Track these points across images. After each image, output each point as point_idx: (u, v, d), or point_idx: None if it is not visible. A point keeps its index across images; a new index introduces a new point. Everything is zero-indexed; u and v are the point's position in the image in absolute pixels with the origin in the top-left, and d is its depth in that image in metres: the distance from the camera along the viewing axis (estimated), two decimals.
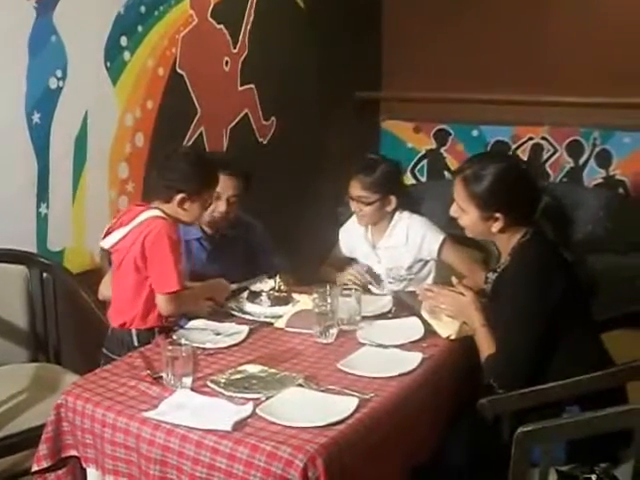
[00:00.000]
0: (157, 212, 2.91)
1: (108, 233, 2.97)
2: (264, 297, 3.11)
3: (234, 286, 3.21)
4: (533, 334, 2.51)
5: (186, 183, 2.92)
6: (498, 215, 2.64)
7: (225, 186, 3.35)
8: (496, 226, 2.66)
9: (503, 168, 2.67)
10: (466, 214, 2.70)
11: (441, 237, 3.40)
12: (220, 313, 3.08)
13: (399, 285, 3.47)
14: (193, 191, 2.93)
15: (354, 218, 3.57)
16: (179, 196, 2.92)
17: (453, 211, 2.75)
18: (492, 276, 2.78)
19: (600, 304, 2.72)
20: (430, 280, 3.45)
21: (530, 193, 2.70)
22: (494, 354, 2.59)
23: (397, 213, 3.45)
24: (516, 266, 2.62)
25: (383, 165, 3.41)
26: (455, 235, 3.84)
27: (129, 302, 2.93)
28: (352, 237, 3.60)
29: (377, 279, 3.46)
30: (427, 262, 3.46)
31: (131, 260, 2.88)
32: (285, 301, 3.11)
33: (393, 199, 3.40)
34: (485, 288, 2.84)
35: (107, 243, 2.98)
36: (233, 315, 3.06)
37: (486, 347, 2.63)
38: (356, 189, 3.39)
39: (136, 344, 2.90)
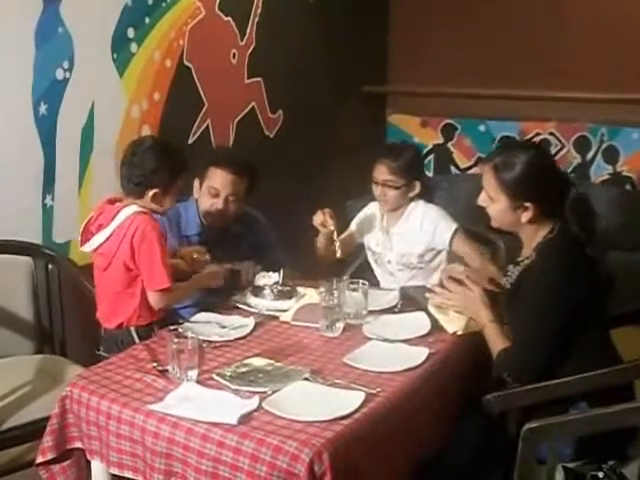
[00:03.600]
0: (136, 207, 2.89)
1: (86, 237, 2.94)
2: (267, 291, 3.11)
3: (227, 266, 3.20)
4: (552, 331, 2.49)
5: (156, 178, 2.90)
6: (528, 205, 2.60)
7: (225, 184, 3.34)
8: (525, 216, 2.62)
9: (534, 156, 2.64)
10: (495, 203, 2.67)
11: (454, 226, 3.42)
12: (226, 306, 3.08)
13: (409, 273, 3.47)
14: (164, 184, 2.92)
15: (370, 206, 3.62)
16: (151, 192, 2.90)
17: (481, 200, 2.72)
18: (513, 269, 2.74)
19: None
20: (440, 270, 3.44)
21: (560, 183, 2.67)
22: (508, 348, 2.58)
23: (413, 201, 3.47)
24: (542, 263, 2.59)
25: (409, 150, 3.47)
26: (464, 228, 3.83)
27: (123, 302, 2.93)
28: (366, 226, 3.62)
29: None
30: (439, 252, 3.46)
31: (120, 262, 2.87)
32: (289, 295, 3.11)
33: (417, 184, 3.44)
34: (504, 281, 2.81)
35: (89, 247, 2.94)
36: (239, 308, 3.05)
37: (497, 342, 2.62)
38: (383, 173, 3.40)
39: (137, 341, 2.89)
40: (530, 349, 2.51)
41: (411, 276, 3.46)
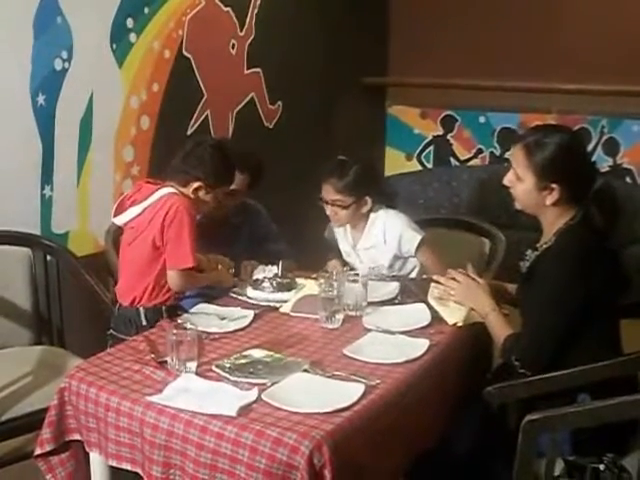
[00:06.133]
0: (172, 189, 2.98)
1: (120, 210, 3.01)
2: (267, 283, 3.09)
3: (236, 280, 3.22)
4: (564, 319, 2.48)
5: (205, 174, 3.01)
6: (554, 186, 2.57)
7: None
8: (550, 198, 2.59)
9: (568, 138, 2.63)
10: (521, 182, 2.63)
11: (419, 237, 3.32)
12: (225, 298, 3.07)
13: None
14: (210, 183, 3.02)
15: None
16: (196, 184, 3.01)
17: (507, 180, 2.68)
18: (531, 254, 2.73)
19: None
20: (414, 274, 3.41)
21: (589, 170, 2.66)
22: (518, 333, 2.58)
23: (372, 213, 3.38)
24: (560, 250, 2.57)
25: (355, 166, 3.32)
26: (462, 221, 3.82)
27: (140, 277, 2.98)
28: (335, 237, 3.56)
29: None
30: (407, 259, 3.40)
31: (149, 237, 2.93)
32: (288, 287, 3.09)
33: (368, 200, 3.32)
34: (521, 264, 2.79)
35: (121, 220, 3.03)
36: (238, 300, 3.05)
37: (502, 329, 2.62)
38: (330, 193, 3.30)
39: (144, 323, 2.95)
40: (543, 335, 2.50)
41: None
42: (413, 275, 3.42)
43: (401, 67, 5.83)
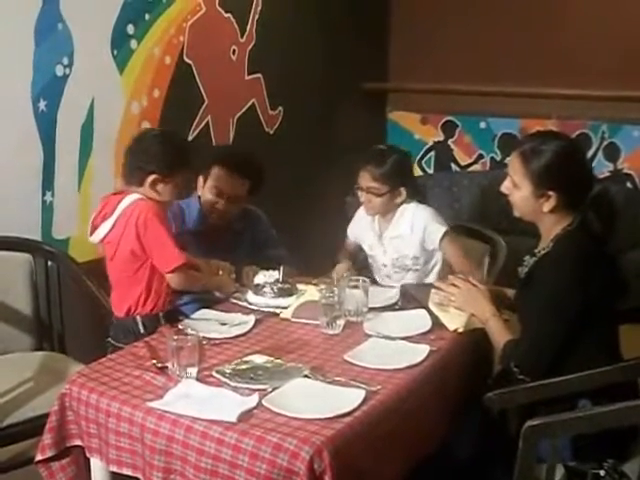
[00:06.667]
0: (136, 195, 2.94)
1: (94, 227, 2.99)
2: (268, 289, 3.09)
3: (237, 285, 3.22)
4: (563, 324, 2.48)
5: (157, 164, 2.94)
6: (551, 193, 2.57)
7: (228, 185, 3.34)
8: (547, 205, 2.59)
9: (564, 146, 2.62)
10: (519, 190, 2.63)
11: (443, 229, 3.36)
12: (226, 304, 3.07)
13: (404, 275, 3.45)
14: (164, 172, 2.95)
15: (361, 209, 3.55)
16: (151, 177, 2.93)
17: (504, 188, 2.68)
18: (529, 260, 2.73)
19: None
20: (436, 270, 3.44)
21: (586, 177, 2.67)
22: (517, 339, 2.58)
23: (404, 204, 3.42)
24: (558, 255, 2.57)
25: (394, 156, 3.38)
26: (462, 226, 3.82)
27: (130, 288, 2.98)
28: (360, 228, 3.58)
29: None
30: (433, 253, 3.43)
31: (127, 248, 2.91)
32: (289, 292, 3.09)
33: (403, 191, 3.37)
34: (519, 270, 2.80)
35: (96, 238, 3.01)
36: (239, 305, 3.05)
37: (502, 335, 2.63)
38: (366, 180, 3.35)
39: (142, 331, 2.94)
40: (541, 342, 2.50)
41: (407, 277, 3.43)
42: (435, 271, 3.44)
43: (401, 73, 5.83)
